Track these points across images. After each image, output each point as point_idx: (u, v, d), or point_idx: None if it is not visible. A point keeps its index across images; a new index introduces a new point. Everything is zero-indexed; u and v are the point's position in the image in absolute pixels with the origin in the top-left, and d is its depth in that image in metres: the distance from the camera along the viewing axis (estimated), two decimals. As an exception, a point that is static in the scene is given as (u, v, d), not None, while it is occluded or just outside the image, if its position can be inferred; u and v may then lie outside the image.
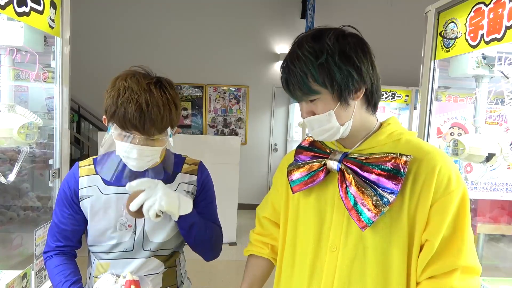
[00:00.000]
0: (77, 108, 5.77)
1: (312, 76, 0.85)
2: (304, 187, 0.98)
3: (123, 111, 0.96)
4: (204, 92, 5.94)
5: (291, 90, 0.90)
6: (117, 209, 1.12)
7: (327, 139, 0.95)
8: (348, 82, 0.86)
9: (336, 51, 0.85)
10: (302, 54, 0.86)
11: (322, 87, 0.86)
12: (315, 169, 0.96)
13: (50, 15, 1.52)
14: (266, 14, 5.85)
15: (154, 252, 1.14)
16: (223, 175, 4.15)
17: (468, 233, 0.86)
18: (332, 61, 0.85)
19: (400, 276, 0.88)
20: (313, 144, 1.05)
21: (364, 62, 0.88)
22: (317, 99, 0.88)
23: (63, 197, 1.15)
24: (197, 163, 1.24)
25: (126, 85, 0.98)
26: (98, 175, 1.13)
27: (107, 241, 1.12)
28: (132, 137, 1.00)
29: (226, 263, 3.69)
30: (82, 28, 5.48)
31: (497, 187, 1.81)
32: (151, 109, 0.96)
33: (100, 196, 1.12)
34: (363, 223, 0.86)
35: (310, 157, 1.01)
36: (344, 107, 0.89)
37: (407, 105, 4.99)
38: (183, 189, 1.18)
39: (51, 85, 1.68)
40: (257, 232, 1.19)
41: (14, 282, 1.37)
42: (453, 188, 0.85)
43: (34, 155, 1.85)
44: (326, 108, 0.89)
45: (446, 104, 1.86)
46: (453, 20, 1.59)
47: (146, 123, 0.96)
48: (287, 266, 1.05)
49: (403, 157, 0.85)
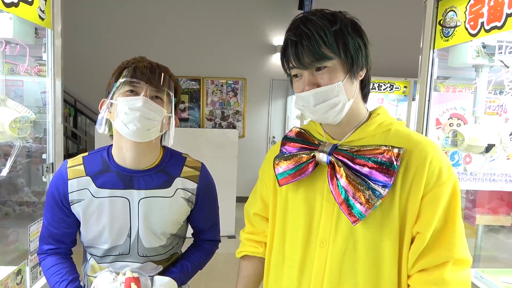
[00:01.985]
0: (73, 102, 5.73)
1: (326, 41, 0.82)
2: (291, 179, 0.94)
3: (134, 67, 1.03)
4: (202, 85, 5.90)
5: (300, 55, 0.84)
6: (111, 212, 1.06)
7: (326, 119, 0.89)
8: (358, 54, 0.85)
9: (349, 23, 0.85)
10: (316, 19, 0.83)
11: (335, 55, 0.83)
12: (304, 161, 0.92)
13: (40, 6, 1.48)
14: (263, 5, 5.80)
15: (149, 257, 1.11)
16: (221, 169, 4.14)
17: (459, 225, 0.84)
18: (346, 30, 0.84)
19: (392, 270, 0.86)
20: (300, 135, 1.00)
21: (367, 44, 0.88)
22: (326, 67, 0.84)
23: (52, 201, 1.08)
24: (198, 168, 1.17)
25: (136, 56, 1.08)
26: (88, 177, 1.06)
27: (102, 244, 1.08)
28: (138, 92, 1.01)
29: (224, 256, 3.68)
30: (79, 21, 5.42)
31: (496, 177, 1.80)
32: (161, 67, 1.06)
33: (93, 200, 1.06)
34: (354, 217, 0.84)
35: (297, 148, 0.97)
36: (350, 82, 0.86)
37: (406, 96, 4.96)
38: (180, 196, 1.11)
39: (45, 79, 1.64)
40: (248, 231, 1.13)
41: (8, 279, 1.35)
42: (445, 179, 0.83)
43: (30, 150, 1.83)
44: (333, 79, 0.84)
45: (445, 95, 1.84)
46: (452, 9, 1.57)
47: (156, 73, 1.02)
48: (276, 262, 1.02)
49: (395, 150, 0.83)
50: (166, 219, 1.10)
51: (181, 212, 1.13)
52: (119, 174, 1.07)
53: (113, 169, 1.07)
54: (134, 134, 0.99)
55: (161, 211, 1.09)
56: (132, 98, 0.98)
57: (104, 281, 1.01)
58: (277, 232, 1.02)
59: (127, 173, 1.07)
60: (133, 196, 1.07)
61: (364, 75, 0.90)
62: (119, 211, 1.06)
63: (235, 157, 4.39)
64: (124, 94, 1.01)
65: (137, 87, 1.01)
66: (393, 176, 0.82)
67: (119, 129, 1.01)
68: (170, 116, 1.06)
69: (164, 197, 1.09)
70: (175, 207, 1.11)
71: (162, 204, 1.09)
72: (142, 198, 1.07)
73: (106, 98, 1.05)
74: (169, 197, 1.10)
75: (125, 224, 1.07)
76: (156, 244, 1.10)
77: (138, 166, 1.08)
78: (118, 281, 1.01)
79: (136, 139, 1.01)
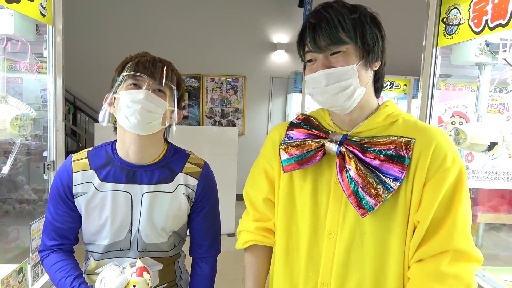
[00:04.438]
0: (72, 100, 5.71)
1: (345, 26, 0.84)
2: (298, 167, 0.92)
3: (136, 60, 1.04)
4: (201, 83, 5.88)
5: (317, 37, 0.85)
6: (113, 206, 1.06)
7: (336, 101, 0.87)
8: (375, 44, 0.87)
9: (368, 15, 0.88)
10: (337, 6, 0.86)
11: (351, 41, 0.84)
12: (312, 149, 0.91)
13: (41, 2, 1.47)
14: (264, 3, 5.78)
15: (148, 252, 1.10)
16: (221, 166, 4.12)
17: (462, 215, 0.81)
18: (365, 20, 0.86)
19: (398, 262, 0.85)
20: (308, 121, 0.98)
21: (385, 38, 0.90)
22: (341, 52, 0.85)
23: (56, 194, 1.08)
24: (201, 165, 1.16)
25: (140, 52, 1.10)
26: (93, 171, 1.07)
27: (103, 240, 1.07)
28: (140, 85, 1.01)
29: (224, 254, 3.67)
30: (79, 19, 5.40)
31: (498, 176, 1.80)
32: (163, 61, 1.07)
33: (96, 193, 1.06)
34: (364, 209, 0.83)
35: (305, 135, 0.95)
36: (365, 69, 0.87)
37: (406, 94, 4.96)
38: (181, 192, 1.11)
39: (45, 76, 1.62)
40: (256, 219, 1.04)
41: (9, 277, 1.34)
42: (449, 165, 0.81)
43: (30, 148, 1.82)
44: (348, 62, 0.85)
45: (447, 93, 1.83)
46: (456, 6, 1.56)
47: (158, 66, 1.04)
48: (281, 253, 0.99)
49: (404, 139, 0.82)
50: (167, 215, 1.10)
51: (182, 209, 1.12)
52: (122, 168, 1.07)
53: (117, 163, 1.08)
54: (136, 126, 0.99)
55: (162, 206, 1.09)
56: (134, 91, 0.99)
57: (112, 273, 1.00)
58: (282, 220, 0.99)
59: (130, 167, 1.07)
60: (136, 190, 1.07)
61: (378, 67, 0.91)
62: (121, 205, 1.06)
63: (235, 155, 4.38)
64: (126, 87, 1.02)
65: (139, 81, 1.01)
66: (405, 170, 0.81)
67: (121, 122, 1.02)
68: (172, 110, 1.06)
69: (165, 192, 1.09)
70: (176, 203, 1.10)
71: (164, 199, 1.09)
72: (144, 192, 1.07)
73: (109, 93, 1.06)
74: (170, 192, 1.09)
75: (126, 219, 1.07)
76: (156, 240, 1.09)
77: (141, 160, 1.08)
78: (128, 272, 0.99)
79: (137, 132, 1.01)
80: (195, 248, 1.22)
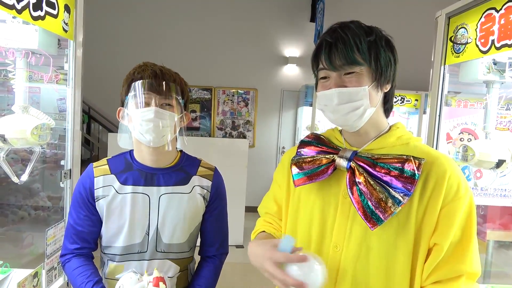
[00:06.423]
0: (87, 110, 5.84)
1: (360, 48, 0.86)
2: (308, 181, 0.96)
3: (139, 77, 1.09)
4: (213, 95, 5.97)
5: (332, 56, 0.88)
6: (132, 208, 1.12)
7: (346, 121, 0.91)
8: (388, 67, 0.90)
9: (383, 38, 0.90)
10: (354, 27, 0.88)
11: (366, 62, 0.87)
12: (323, 164, 0.94)
13: (64, 19, 1.55)
14: (276, 17, 5.87)
15: (167, 253, 1.16)
16: (231, 178, 4.12)
17: (474, 240, 0.86)
18: (380, 43, 0.89)
19: (403, 279, 0.87)
20: (319, 140, 1.02)
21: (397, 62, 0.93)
22: (355, 72, 0.87)
23: (79, 198, 1.15)
24: (212, 168, 1.26)
25: (141, 64, 1.14)
26: (113, 175, 1.15)
27: (121, 242, 1.13)
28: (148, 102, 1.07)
29: (232, 266, 3.68)
30: (91, 30, 5.53)
31: (507, 193, 1.79)
32: (164, 73, 1.11)
33: (116, 195, 1.13)
34: (373, 222, 0.85)
35: (316, 151, 0.99)
36: (376, 90, 0.90)
37: (417, 109, 4.95)
38: (197, 192, 1.19)
39: (63, 86, 1.70)
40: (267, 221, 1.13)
41: (25, 281, 1.39)
42: (462, 194, 0.85)
43: (45, 156, 1.88)
44: (361, 83, 0.88)
45: (456, 110, 1.85)
46: (463, 26, 1.59)
47: (161, 83, 1.08)
48: None
49: (416, 160, 0.85)
50: (185, 215, 1.17)
51: (198, 208, 1.20)
52: (141, 172, 1.15)
53: (136, 167, 1.16)
54: (151, 142, 1.08)
55: (180, 206, 1.16)
56: (144, 110, 1.06)
57: (129, 281, 1.05)
58: (289, 231, 1.04)
59: (149, 171, 1.15)
60: (153, 192, 1.14)
61: (389, 89, 0.94)
62: (140, 206, 1.13)
63: (244, 166, 4.41)
64: (136, 105, 1.09)
65: (147, 98, 1.08)
66: (414, 185, 0.83)
67: (137, 137, 1.11)
68: (181, 116, 1.14)
69: (183, 193, 1.17)
70: (193, 203, 1.18)
71: (181, 199, 1.16)
72: (162, 194, 1.15)
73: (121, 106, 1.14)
74: (187, 193, 1.17)
75: (144, 221, 1.13)
76: (175, 241, 1.16)
77: (158, 165, 1.16)
78: (145, 281, 1.04)
79: (154, 145, 1.10)
80: (207, 246, 1.28)
